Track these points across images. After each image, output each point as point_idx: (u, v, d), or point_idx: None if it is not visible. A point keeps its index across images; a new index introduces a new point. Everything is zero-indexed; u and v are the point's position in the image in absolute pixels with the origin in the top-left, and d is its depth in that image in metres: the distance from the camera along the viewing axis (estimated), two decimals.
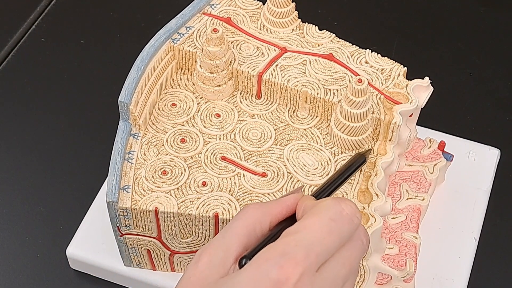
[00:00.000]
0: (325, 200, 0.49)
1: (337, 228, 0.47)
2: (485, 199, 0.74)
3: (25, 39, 0.91)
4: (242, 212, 0.49)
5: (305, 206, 0.50)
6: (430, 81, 0.64)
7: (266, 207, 0.50)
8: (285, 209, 0.50)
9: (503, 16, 0.93)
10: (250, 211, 0.49)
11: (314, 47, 0.67)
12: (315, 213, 0.48)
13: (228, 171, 0.63)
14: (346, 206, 0.48)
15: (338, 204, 0.48)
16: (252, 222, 0.49)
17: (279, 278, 0.44)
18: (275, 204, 0.50)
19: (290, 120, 0.66)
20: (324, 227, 0.47)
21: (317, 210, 0.48)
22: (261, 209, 0.49)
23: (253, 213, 0.49)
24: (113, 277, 0.70)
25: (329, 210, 0.48)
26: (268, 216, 0.49)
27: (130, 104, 0.63)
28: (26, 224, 0.75)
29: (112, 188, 0.60)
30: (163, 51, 0.66)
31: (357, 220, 0.48)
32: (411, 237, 0.65)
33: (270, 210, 0.50)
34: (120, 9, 0.94)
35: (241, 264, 0.46)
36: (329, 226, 0.47)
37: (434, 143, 0.71)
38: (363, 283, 0.64)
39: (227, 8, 0.70)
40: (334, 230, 0.47)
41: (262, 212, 0.49)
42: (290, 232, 0.47)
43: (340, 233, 0.47)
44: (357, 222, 0.48)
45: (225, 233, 0.48)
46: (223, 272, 0.47)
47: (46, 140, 0.82)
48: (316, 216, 0.47)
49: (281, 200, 0.51)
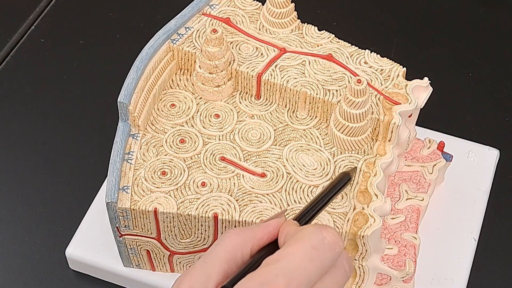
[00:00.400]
0: (307, 228, 0.48)
1: (319, 256, 0.46)
2: (484, 200, 0.74)
3: (24, 40, 0.91)
4: (223, 238, 0.48)
5: (287, 233, 0.49)
6: (429, 81, 0.64)
7: (248, 233, 0.49)
8: (267, 235, 0.49)
9: (503, 17, 0.93)
10: (231, 236, 0.48)
11: (313, 47, 0.67)
12: (297, 241, 0.47)
13: (227, 171, 0.63)
14: (328, 234, 0.47)
15: (319, 232, 0.47)
16: (233, 248, 0.48)
17: None
18: (257, 229, 0.49)
19: (290, 121, 0.66)
20: (305, 255, 0.46)
21: (299, 238, 0.47)
22: (242, 234, 0.48)
23: (234, 239, 0.48)
24: (113, 277, 0.70)
25: (310, 238, 0.47)
26: (250, 241, 0.48)
27: (130, 104, 0.63)
28: (25, 225, 0.75)
29: (112, 188, 0.60)
30: (163, 52, 0.66)
31: (339, 248, 0.47)
32: (410, 237, 0.65)
33: (251, 235, 0.49)
34: (120, 9, 0.94)
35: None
36: (310, 254, 0.46)
37: (433, 143, 0.71)
38: (362, 284, 0.64)
39: (227, 9, 0.70)
40: (315, 258, 0.46)
41: (243, 237, 0.48)
42: (271, 261, 0.46)
43: (322, 261, 0.46)
44: (339, 250, 0.47)
45: (205, 259, 0.47)
46: None
47: (46, 141, 0.82)
48: (298, 244, 0.46)
49: (263, 225, 0.50)
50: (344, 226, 0.60)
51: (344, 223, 0.60)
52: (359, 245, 0.61)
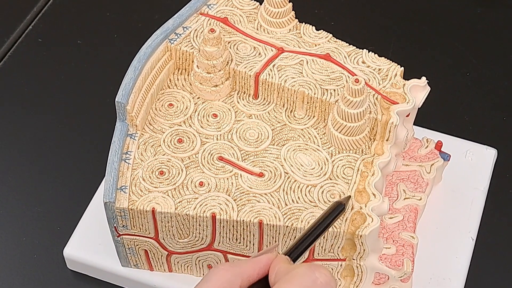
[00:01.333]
0: (299, 267, 0.47)
1: None
2: (482, 199, 0.74)
3: (22, 40, 0.91)
4: (212, 273, 0.47)
5: (278, 271, 0.47)
6: (427, 81, 0.64)
7: (237, 268, 0.48)
8: (257, 271, 0.48)
9: (500, 16, 0.93)
10: (220, 272, 0.47)
11: (311, 47, 0.68)
12: (288, 281, 0.46)
13: (225, 171, 0.63)
14: (320, 275, 0.46)
15: (312, 273, 0.46)
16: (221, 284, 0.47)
17: None
18: (247, 265, 0.48)
19: (287, 120, 0.66)
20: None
21: (290, 279, 0.46)
22: (232, 270, 0.47)
23: (224, 275, 0.47)
24: (111, 277, 0.70)
25: (303, 279, 0.46)
26: (239, 277, 0.47)
27: (127, 104, 0.63)
28: (23, 225, 0.75)
29: (109, 188, 0.60)
30: (160, 52, 0.66)
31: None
32: (408, 237, 0.65)
33: (241, 271, 0.47)
34: (117, 9, 0.94)
35: None
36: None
37: (431, 143, 0.72)
38: (360, 283, 0.64)
39: (224, 8, 0.70)
40: None
41: (232, 273, 0.47)
42: None
43: None
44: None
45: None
46: None
47: (43, 141, 0.82)
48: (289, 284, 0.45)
49: (253, 261, 0.48)
50: (342, 226, 0.60)
51: (342, 223, 0.60)
52: (357, 245, 0.61)
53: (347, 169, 0.63)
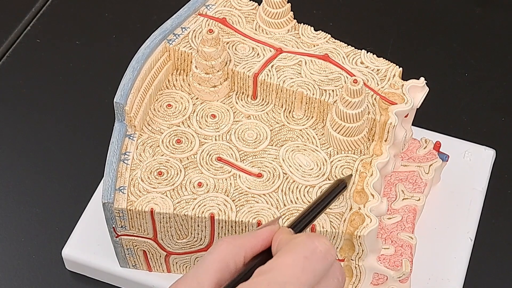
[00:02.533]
0: (299, 237, 0.47)
1: (311, 266, 0.46)
2: (480, 199, 0.74)
3: (20, 40, 0.91)
4: (216, 246, 0.48)
5: (280, 241, 0.48)
6: (425, 81, 0.64)
7: (240, 241, 0.48)
8: (260, 243, 0.49)
9: (498, 17, 0.93)
10: (223, 245, 0.48)
11: (309, 47, 0.68)
12: (289, 250, 0.46)
13: (224, 171, 0.63)
14: (320, 243, 0.47)
15: (312, 242, 0.47)
16: (225, 256, 0.47)
17: None
18: (250, 238, 0.49)
19: (286, 121, 0.66)
20: (297, 265, 0.45)
21: (291, 248, 0.46)
22: (235, 243, 0.48)
23: (227, 248, 0.48)
24: (109, 278, 0.70)
25: (303, 248, 0.46)
26: (242, 250, 0.48)
27: (126, 105, 0.62)
28: (21, 225, 0.75)
29: (108, 189, 0.60)
30: (159, 52, 0.66)
31: (331, 257, 0.47)
32: (406, 237, 0.65)
33: (244, 244, 0.48)
34: (116, 10, 0.94)
35: None
36: (302, 264, 0.46)
37: (429, 143, 0.72)
38: (359, 284, 0.64)
39: (223, 9, 0.70)
40: (307, 268, 0.46)
41: (235, 246, 0.48)
42: (263, 271, 0.46)
43: (314, 271, 0.46)
44: (331, 260, 0.47)
45: (198, 268, 0.47)
46: None
47: (42, 141, 0.81)
48: (290, 253, 0.46)
49: (256, 233, 0.49)
50: (341, 226, 0.60)
51: (341, 223, 0.60)
52: (355, 245, 0.61)
53: (346, 170, 0.63)
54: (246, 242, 0.48)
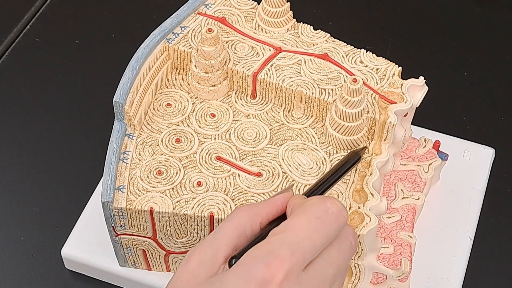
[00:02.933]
0: (311, 199, 0.49)
1: (323, 226, 0.47)
2: (480, 198, 0.74)
3: (19, 40, 0.91)
4: (233, 214, 0.50)
5: (294, 205, 0.50)
6: (424, 80, 0.64)
7: (256, 208, 0.50)
8: (275, 209, 0.51)
9: (498, 16, 0.93)
10: (240, 213, 0.50)
11: (309, 46, 0.68)
12: (301, 212, 0.48)
13: (223, 171, 0.63)
14: (331, 205, 0.48)
15: (323, 203, 0.48)
16: (242, 223, 0.49)
17: (265, 276, 0.45)
18: (265, 205, 0.51)
19: (285, 120, 0.66)
20: (310, 225, 0.47)
21: (303, 209, 0.48)
22: (251, 210, 0.50)
23: (243, 215, 0.49)
24: (108, 277, 0.70)
25: (315, 209, 0.48)
26: (258, 217, 0.50)
27: (125, 104, 0.62)
28: (21, 224, 0.75)
29: (107, 188, 0.60)
30: (158, 51, 0.66)
31: (343, 218, 0.48)
32: (406, 236, 0.65)
33: (260, 211, 0.50)
34: (115, 9, 0.94)
35: (231, 264, 0.47)
36: (315, 224, 0.47)
37: (429, 142, 0.72)
38: (358, 283, 0.64)
39: (222, 8, 0.70)
40: (320, 228, 0.47)
41: (252, 213, 0.50)
42: (277, 232, 0.47)
43: (326, 232, 0.47)
44: (343, 221, 0.48)
45: (215, 234, 0.49)
46: (212, 271, 0.47)
47: (41, 141, 0.81)
48: (302, 215, 0.48)
49: (271, 201, 0.51)
50: None
51: None
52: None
53: None
54: (262, 209, 0.50)
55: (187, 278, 0.47)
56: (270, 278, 0.45)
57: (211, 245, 0.48)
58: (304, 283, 0.46)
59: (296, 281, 0.45)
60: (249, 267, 0.45)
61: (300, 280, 0.45)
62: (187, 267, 0.47)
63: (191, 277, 0.47)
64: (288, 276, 0.45)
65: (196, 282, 0.47)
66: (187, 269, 0.47)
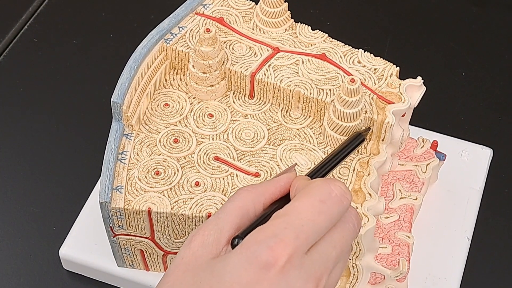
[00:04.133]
0: (315, 181, 0.49)
1: (326, 209, 0.47)
2: (477, 198, 0.74)
3: (17, 40, 0.91)
4: (236, 194, 0.50)
5: (298, 187, 0.50)
6: (422, 80, 0.64)
7: (260, 188, 0.50)
8: (278, 189, 0.51)
9: (495, 16, 0.93)
10: (243, 193, 0.50)
11: (306, 47, 0.68)
12: (305, 194, 0.48)
13: (221, 171, 0.63)
14: (335, 187, 0.48)
15: (327, 185, 0.48)
16: (245, 204, 0.49)
17: (268, 259, 0.45)
18: (269, 185, 0.51)
19: (283, 120, 0.66)
20: (313, 208, 0.47)
21: (307, 192, 0.48)
22: (254, 190, 0.50)
23: (247, 195, 0.49)
24: (106, 277, 0.70)
25: (318, 191, 0.48)
26: (262, 197, 0.50)
27: (123, 104, 0.62)
28: (18, 225, 0.75)
29: (105, 188, 0.60)
30: (156, 51, 0.66)
31: (347, 201, 0.48)
32: (404, 236, 0.65)
33: (263, 191, 0.50)
34: (113, 9, 0.94)
35: (234, 244, 0.47)
36: (318, 207, 0.47)
37: (426, 142, 0.72)
38: (356, 283, 0.64)
39: (220, 8, 0.70)
40: (323, 211, 0.47)
41: (255, 193, 0.50)
42: (280, 214, 0.47)
43: (329, 214, 0.47)
44: (346, 203, 0.48)
45: (218, 215, 0.49)
46: (215, 252, 0.47)
47: (39, 141, 0.81)
48: (306, 197, 0.48)
49: (274, 181, 0.51)
50: None
51: None
52: (352, 244, 0.61)
53: (343, 169, 0.63)
54: (265, 189, 0.50)
55: (190, 259, 0.47)
56: (273, 261, 0.45)
57: (215, 226, 0.48)
58: (307, 265, 0.46)
59: (299, 264, 0.45)
60: (252, 250, 0.45)
61: (303, 263, 0.45)
62: (190, 248, 0.47)
63: (193, 259, 0.47)
64: (291, 259, 0.45)
65: (199, 263, 0.47)
66: (190, 250, 0.47)
